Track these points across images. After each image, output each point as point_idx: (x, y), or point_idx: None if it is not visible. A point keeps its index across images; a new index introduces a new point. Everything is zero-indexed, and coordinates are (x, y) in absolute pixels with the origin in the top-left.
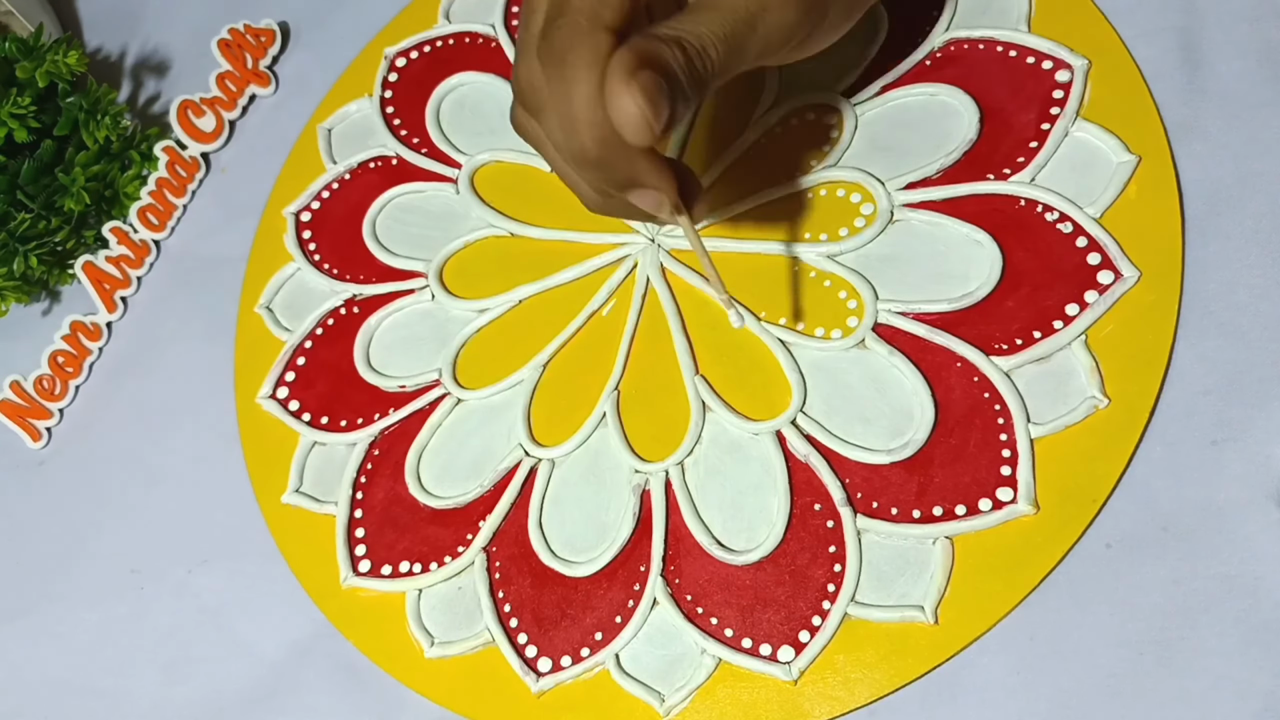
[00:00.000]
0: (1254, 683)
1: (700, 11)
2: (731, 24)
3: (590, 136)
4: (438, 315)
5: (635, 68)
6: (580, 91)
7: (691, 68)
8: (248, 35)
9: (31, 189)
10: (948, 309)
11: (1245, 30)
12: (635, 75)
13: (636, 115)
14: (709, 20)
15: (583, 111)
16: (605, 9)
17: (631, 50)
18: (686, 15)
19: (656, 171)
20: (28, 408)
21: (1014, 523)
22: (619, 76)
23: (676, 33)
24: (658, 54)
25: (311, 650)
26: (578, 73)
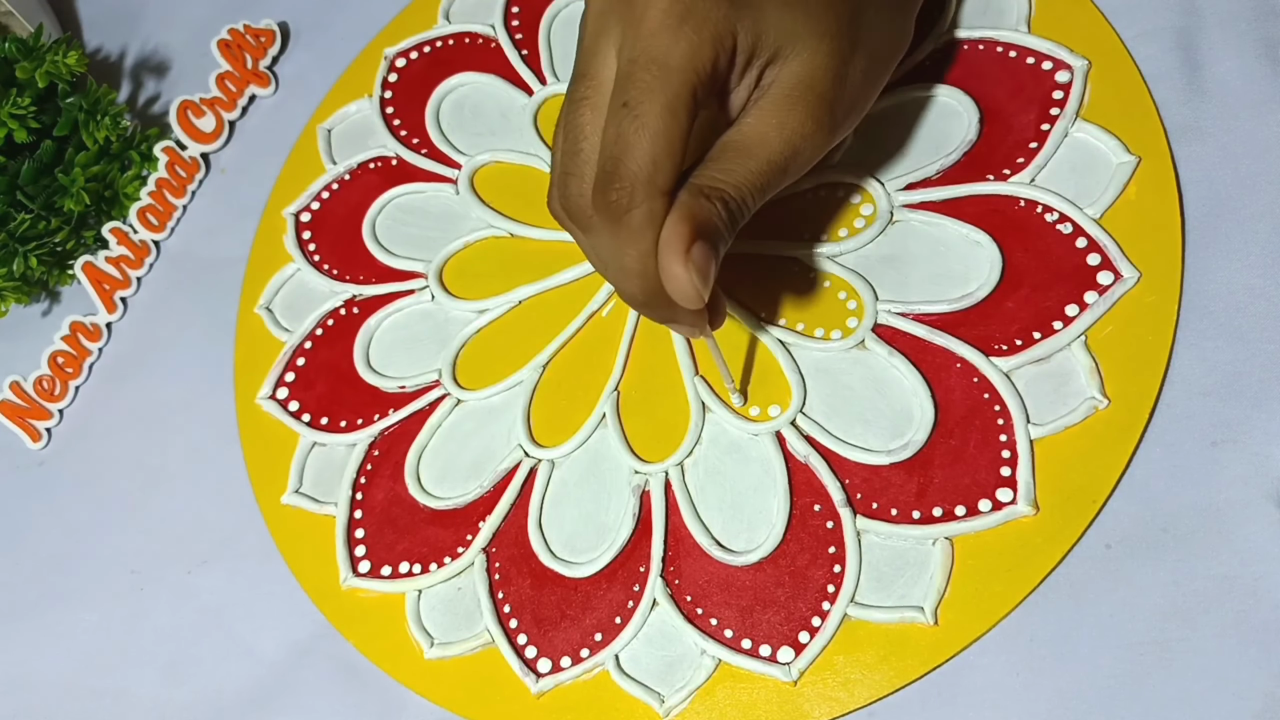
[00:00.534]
0: (1254, 683)
1: (739, 158)
2: (769, 168)
3: (640, 289)
4: (437, 316)
5: (690, 241)
6: (633, 254)
7: (734, 219)
8: (248, 35)
9: (31, 189)
10: (947, 310)
11: (1245, 30)
12: (690, 251)
13: (690, 289)
14: (748, 171)
15: (635, 267)
16: (660, 173)
17: (684, 221)
18: (727, 161)
19: (693, 313)
20: (28, 408)
21: (1014, 523)
22: (674, 251)
23: (720, 187)
24: (707, 221)
25: (311, 651)
26: (635, 234)
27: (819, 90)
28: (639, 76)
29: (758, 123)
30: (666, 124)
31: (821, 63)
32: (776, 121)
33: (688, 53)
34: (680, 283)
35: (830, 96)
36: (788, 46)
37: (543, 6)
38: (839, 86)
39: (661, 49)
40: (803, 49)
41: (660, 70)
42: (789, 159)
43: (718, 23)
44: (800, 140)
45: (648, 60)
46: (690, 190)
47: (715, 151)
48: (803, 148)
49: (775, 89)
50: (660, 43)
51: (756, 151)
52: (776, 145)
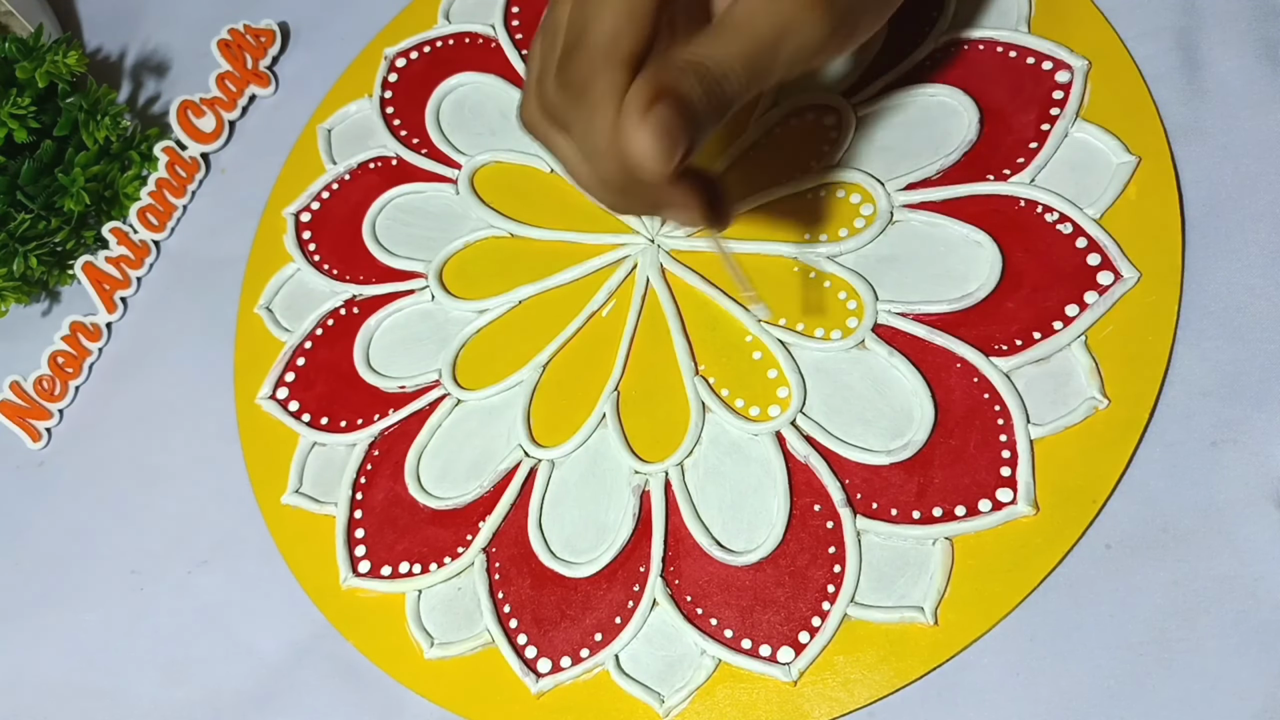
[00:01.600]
0: (1254, 683)
1: (722, 33)
2: (754, 46)
3: (612, 169)
4: (437, 316)
5: (650, 101)
6: (599, 125)
7: (711, 94)
8: (248, 35)
9: (31, 189)
10: (947, 310)
11: (1245, 30)
12: (650, 110)
13: (652, 151)
14: (730, 42)
15: (603, 144)
16: (623, 40)
17: (647, 83)
18: (708, 37)
19: (682, 193)
20: (28, 408)
21: (1014, 523)
22: (634, 112)
23: (696, 58)
24: (674, 85)
25: (311, 651)
26: (596, 106)
27: None
28: None
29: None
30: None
31: None
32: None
33: None
34: (636, 144)
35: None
36: None
37: (543, 6)
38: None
39: None
40: None
41: None
42: (780, 37)
43: None
44: (793, 19)
45: None
46: (660, 61)
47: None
48: (796, 27)
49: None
50: None
51: (743, 27)
52: (765, 21)
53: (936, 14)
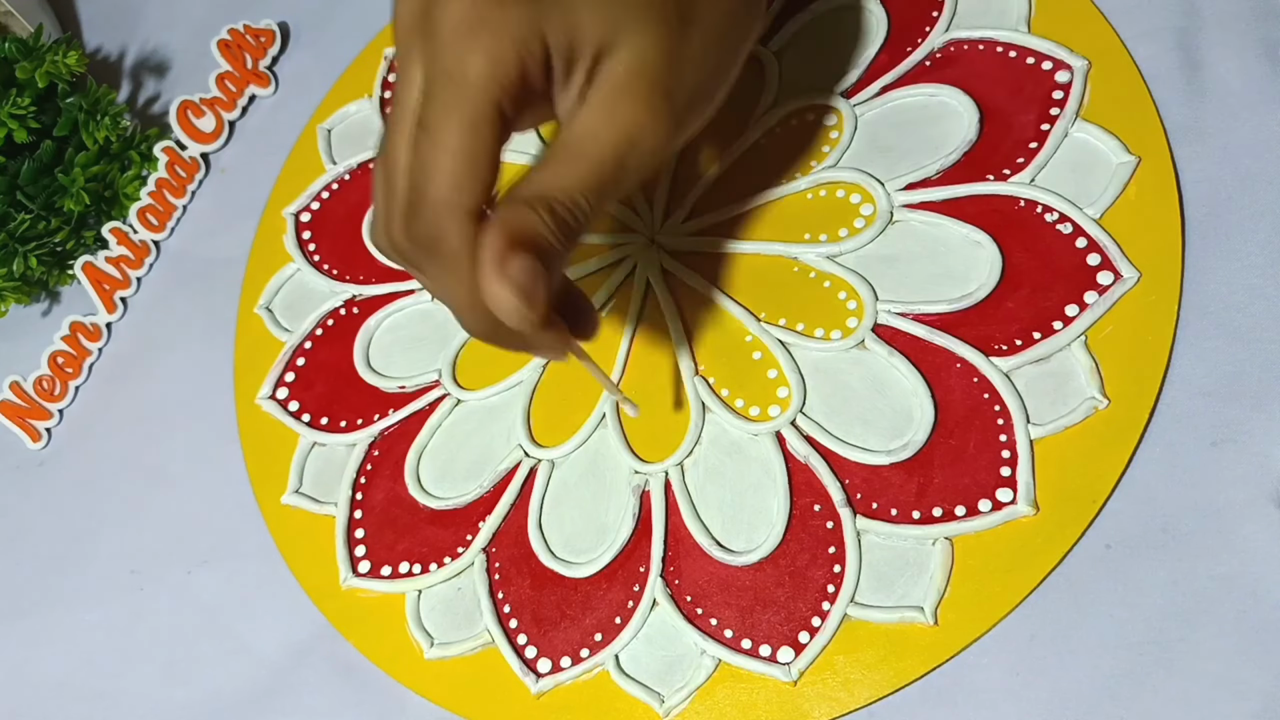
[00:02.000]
0: (1253, 683)
1: (566, 158)
2: (600, 168)
3: (476, 321)
4: (437, 316)
5: (505, 255)
6: (456, 283)
7: (564, 228)
8: (247, 35)
9: (31, 189)
10: (947, 310)
11: (1245, 30)
12: (506, 266)
13: (516, 307)
14: (575, 168)
15: (463, 299)
16: (465, 192)
17: (499, 234)
18: (552, 164)
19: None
20: (27, 408)
21: (1014, 523)
22: (491, 271)
23: (544, 193)
24: (527, 231)
25: (311, 651)
26: (450, 264)
27: (650, 76)
28: (435, 95)
29: (587, 118)
30: (467, 141)
31: (650, 45)
32: (605, 116)
33: (485, 64)
34: (500, 302)
35: (665, 82)
36: (610, 38)
37: None
38: (674, 69)
39: (455, 62)
40: (628, 36)
41: (456, 86)
42: (624, 152)
43: (517, 26)
44: (635, 130)
45: (444, 77)
46: (508, 202)
47: (542, 158)
48: (639, 138)
49: (603, 83)
50: (454, 55)
51: (587, 149)
52: (607, 139)
53: (936, 14)
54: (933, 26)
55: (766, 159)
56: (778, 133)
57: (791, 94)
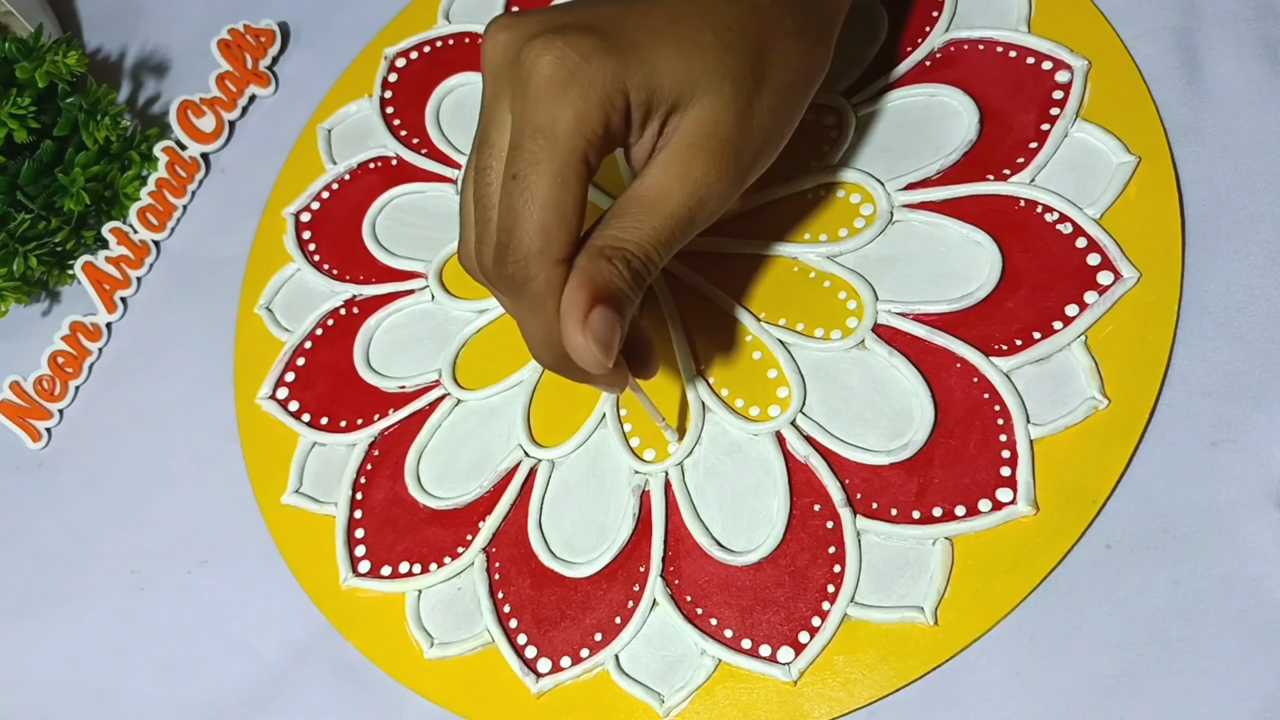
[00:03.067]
0: (1254, 683)
1: (642, 213)
2: (672, 223)
3: (549, 357)
4: (437, 316)
5: (588, 308)
6: (539, 322)
7: (638, 278)
8: (248, 35)
9: (31, 189)
10: (947, 310)
11: (1245, 30)
12: (589, 319)
13: (594, 356)
14: (651, 227)
15: (540, 335)
16: (554, 243)
17: (582, 287)
18: (629, 217)
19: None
20: (28, 408)
21: (1014, 524)
22: (573, 320)
23: (621, 246)
24: (607, 284)
25: (311, 651)
26: (535, 306)
27: (721, 136)
28: (525, 147)
29: (661, 175)
30: (556, 193)
31: (724, 106)
32: (679, 173)
33: (574, 119)
34: (581, 352)
35: (735, 141)
36: (687, 95)
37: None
38: (744, 130)
39: (546, 117)
40: (703, 95)
41: (546, 140)
42: (694, 210)
43: (605, 84)
44: (705, 190)
45: (534, 130)
46: (589, 253)
47: (618, 207)
48: (708, 197)
49: (677, 139)
50: (545, 110)
51: (659, 206)
52: (679, 198)
53: (937, 14)
54: (933, 26)
55: None
56: None
57: None
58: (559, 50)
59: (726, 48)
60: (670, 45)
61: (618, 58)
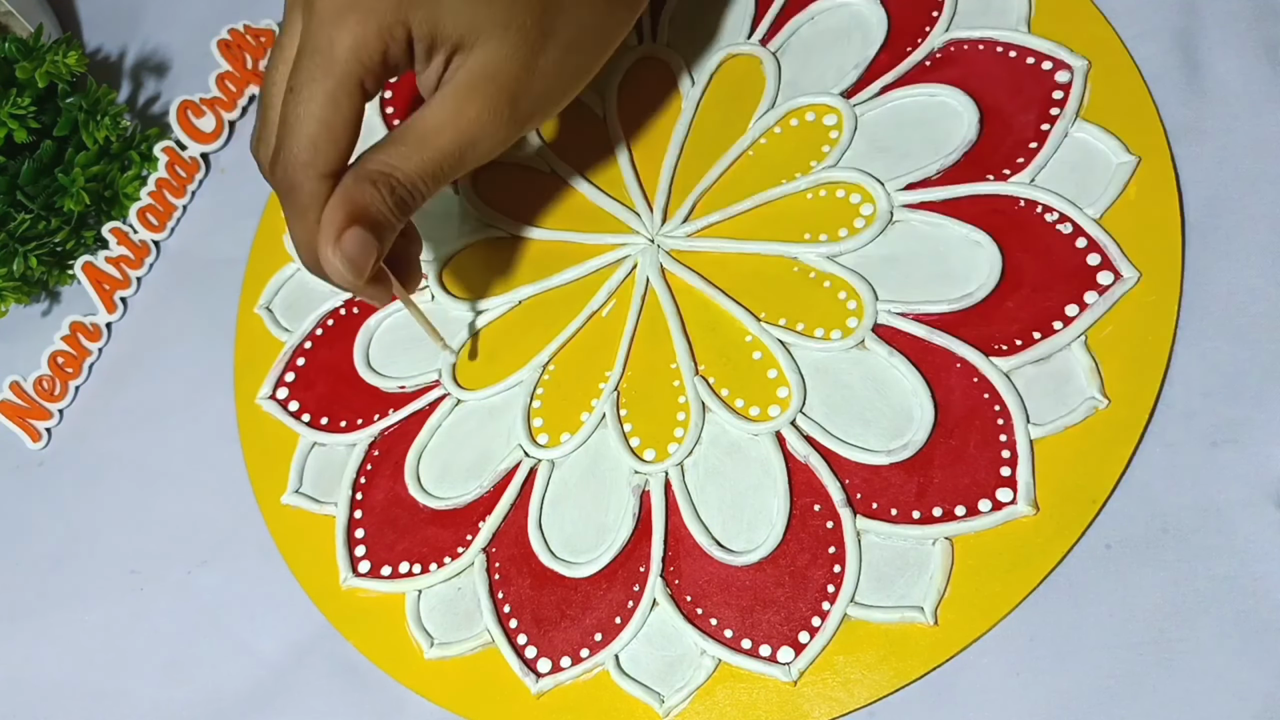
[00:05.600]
0: (1254, 683)
1: (415, 145)
2: (441, 161)
3: (309, 263)
4: (437, 316)
5: (343, 226)
6: (301, 229)
7: (400, 204)
8: (248, 36)
9: (31, 189)
10: (947, 310)
11: (1245, 30)
12: (342, 238)
13: (345, 272)
14: (421, 159)
15: (301, 242)
16: (320, 157)
17: (340, 207)
18: (399, 145)
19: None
20: (27, 408)
21: (1014, 523)
22: (327, 237)
23: (389, 172)
24: (366, 207)
25: (311, 651)
26: (298, 213)
27: (500, 82)
28: (304, 64)
29: (439, 110)
30: (327, 111)
31: (506, 53)
32: (454, 111)
33: (351, 44)
34: (330, 268)
35: (513, 89)
36: (470, 36)
37: None
38: (524, 78)
39: (325, 38)
40: (486, 40)
41: (324, 59)
42: (465, 148)
43: (384, 14)
44: (477, 130)
45: (313, 48)
46: (356, 174)
47: (394, 134)
48: (480, 137)
49: (458, 78)
50: (325, 32)
51: (432, 140)
52: (451, 135)
53: (936, 14)
54: (933, 26)
55: (766, 159)
56: (778, 133)
57: (791, 94)
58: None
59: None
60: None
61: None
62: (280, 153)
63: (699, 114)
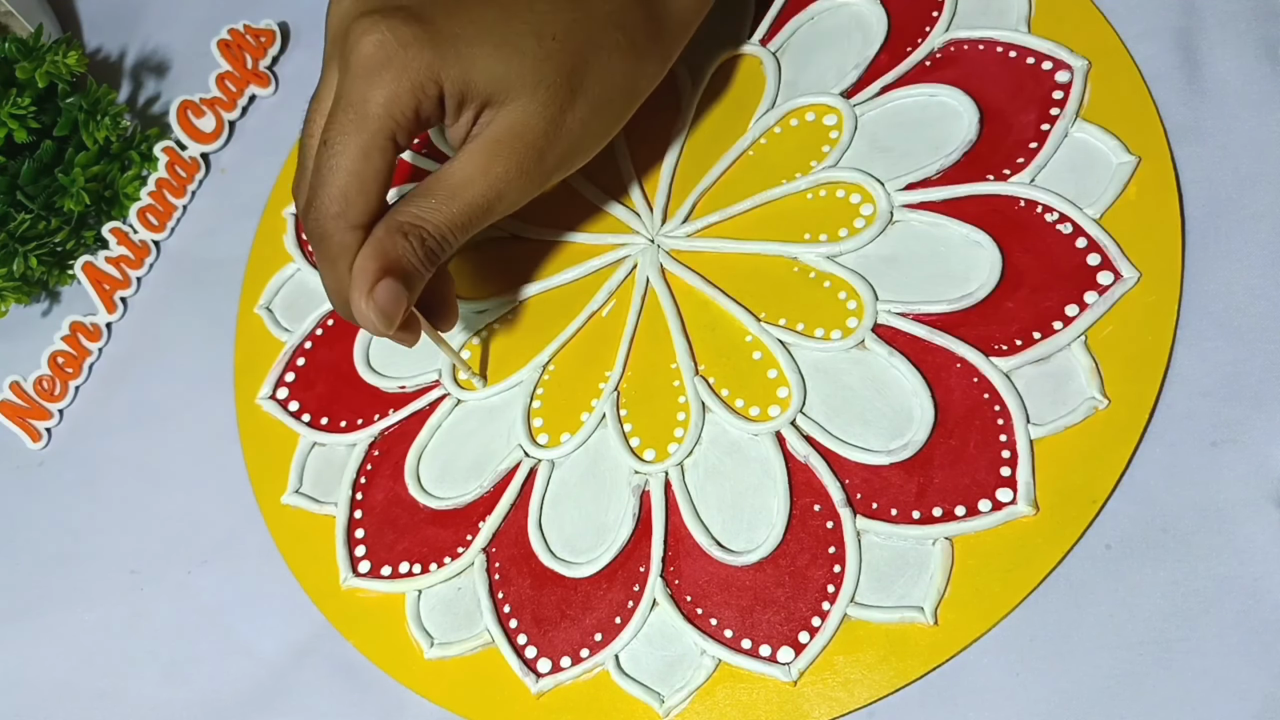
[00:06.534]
0: (1254, 683)
1: (444, 197)
2: (470, 214)
3: (341, 309)
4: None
5: (376, 279)
6: (333, 278)
7: (430, 255)
8: (248, 35)
9: (31, 189)
10: (947, 310)
11: (1245, 30)
12: (374, 290)
13: (371, 324)
14: (450, 212)
15: (332, 290)
16: (352, 209)
17: (373, 258)
18: (430, 199)
19: (399, 333)
20: (27, 408)
21: (1014, 524)
22: (359, 288)
23: (419, 224)
24: (399, 259)
25: (311, 651)
26: (329, 262)
27: (528, 140)
28: (339, 118)
29: (467, 164)
30: (359, 165)
31: (535, 112)
32: (483, 166)
33: (385, 100)
34: (362, 318)
35: (540, 146)
36: (500, 94)
37: None
38: (551, 136)
39: (360, 94)
40: (516, 96)
41: (357, 115)
42: (493, 201)
43: (419, 71)
44: (504, 185)
45: (348, 103)
46: (388, 226)
47: (423, 186)
48: (506, 191)
49: (487, 134)
50: (359, 88)
51: (461, 193)
52: (480, 189)
53: (936, 14)
54: (933, 26)
55: (766, 159)
56: (778, 133)
57: (791, 94)
58: (381, 33)
59: (546, 56)
60: (491, 45)
61: (436, 49)
62: (313, 203)
63: (699, 114)
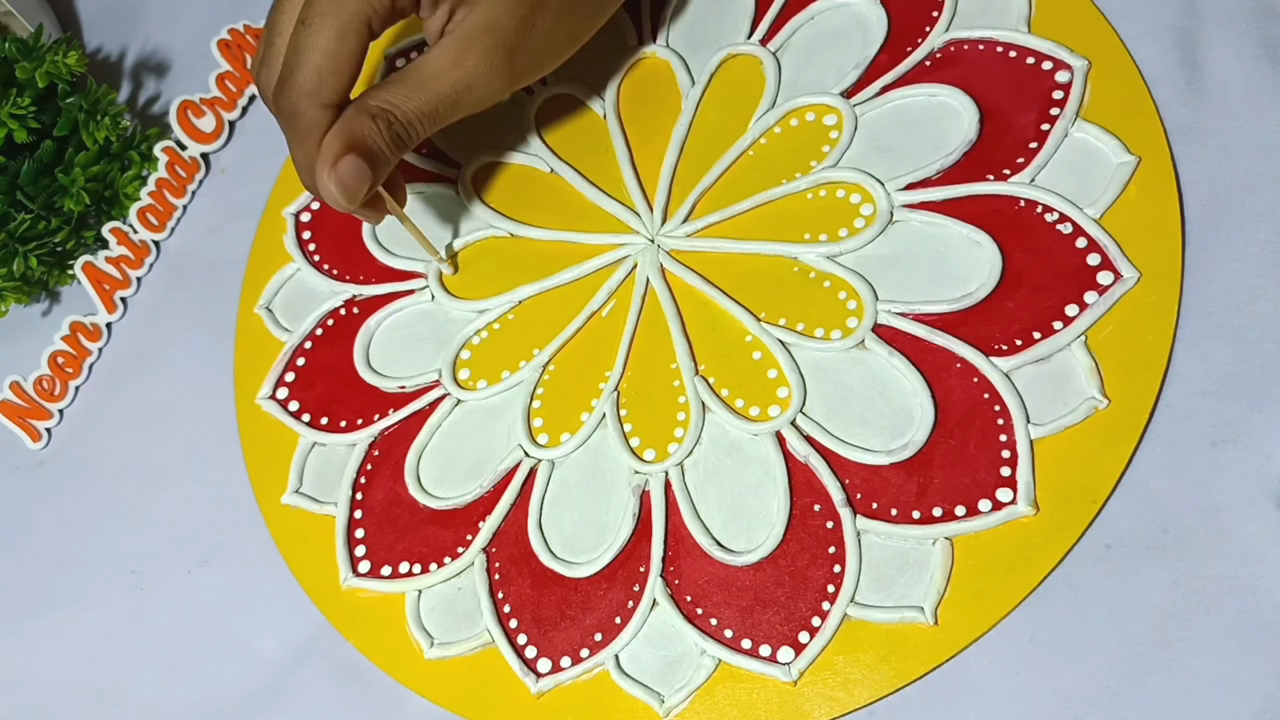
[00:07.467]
0: (1254, 683)
1: (413, 87)
2: (438, 104)
3: (308, 184)
4: (437, 316)
5: (339, 154)
6: (302, 154)
7: (396, 140)
8: (248, 35)
9: (31, 189)
10: (947, 310)
11: (1245, 30)
12: (338, 164)
13: (339, 196)
14: (419, 99)
15: (301, 162)
16: (324, 87)
17: (340, 135)
18: (401, 86)
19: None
20: (28, 408)
21: (1014, 523)
22: (325, 163)
23: (388, 109)
24: (364, 138)
25: (311, 651)
26: (300, 139)
27: (499, 36)
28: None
29: (440, 56)
30: (335, 45)
31: (507, 10)
32: (454, 59)
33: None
34: (325, 191)
35: (511, 43)
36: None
37: None
38: (522, 34)
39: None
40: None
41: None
42: (461, 93)
43: None
44: (473, 79)
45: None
46: (357, 108)
47: (397, 75)
48: (475, 85)
49: (461, 28)
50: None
51: (431, 83)
52: (450, 81)
53: (936, 14)
54: (933, 26)
55: (766, 159)
56: (778, 133)
57: (791, 94)
58: None
59: None
60: None
61: None
62: (287, 80)
63: (699, 114)
